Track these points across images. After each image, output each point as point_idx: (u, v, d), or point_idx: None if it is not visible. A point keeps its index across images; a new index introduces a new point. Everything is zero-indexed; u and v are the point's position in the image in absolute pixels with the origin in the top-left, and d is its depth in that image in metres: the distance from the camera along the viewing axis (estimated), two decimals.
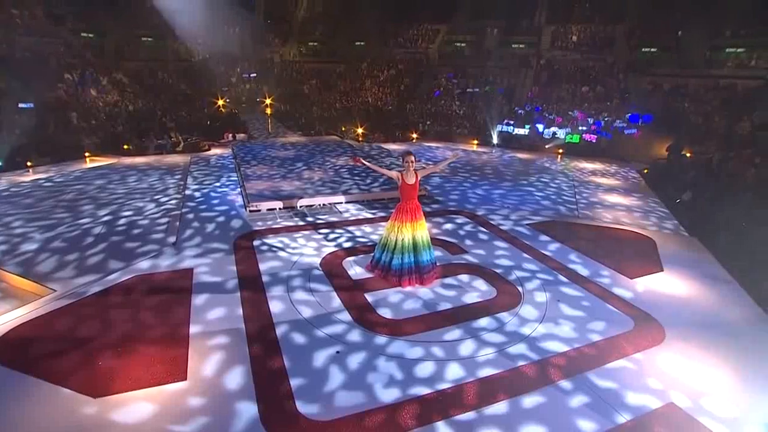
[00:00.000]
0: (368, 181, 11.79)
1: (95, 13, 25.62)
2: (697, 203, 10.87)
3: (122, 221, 8.84)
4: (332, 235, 8.38)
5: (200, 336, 5.16)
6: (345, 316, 5.66)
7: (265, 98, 23.81)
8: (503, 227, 9.12)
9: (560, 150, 18.54)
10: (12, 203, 9.94)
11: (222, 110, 22.98)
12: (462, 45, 30.17)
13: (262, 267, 6.94)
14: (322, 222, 9.12)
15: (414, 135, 20.73)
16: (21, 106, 15.72)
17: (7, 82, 16.33)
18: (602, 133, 19.30)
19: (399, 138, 20.63)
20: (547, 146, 19.18)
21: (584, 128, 19.75)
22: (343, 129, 21.64)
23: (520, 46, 27.97)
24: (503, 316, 5.76)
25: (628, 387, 4.47)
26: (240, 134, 19.50)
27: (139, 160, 14.79)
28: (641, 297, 6.34)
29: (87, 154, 14.72)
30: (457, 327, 5.48)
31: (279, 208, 9.66)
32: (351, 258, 7.39)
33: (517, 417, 4.08)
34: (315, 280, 6.59)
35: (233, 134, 19.24)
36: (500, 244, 8.19)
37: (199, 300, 5.92)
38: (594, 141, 19.02)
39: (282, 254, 7.46)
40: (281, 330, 5.32)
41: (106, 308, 5.69)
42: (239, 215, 9.36)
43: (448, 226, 9.06)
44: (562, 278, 6.87)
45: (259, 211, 9.48)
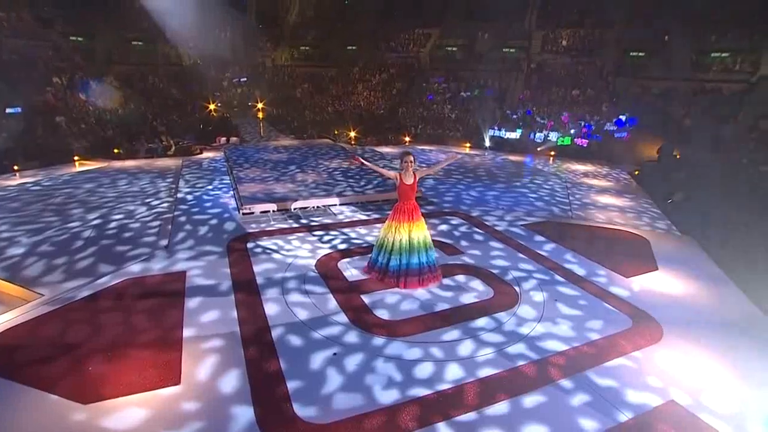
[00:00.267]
0: (362, 183, 11.74)
1: (85, 17, 25.35)
2: (689, 203, 11.00)
3: (113, 225, 8.68)
4: (327, 237, 8.30)
5: (194, 339, 5.05)
6: (342, 318, 5.59)
7: (257, 102, 23.71)
8: (498, 228, 9.11)
9: (552, 152, 18.67)
10: None
11: (214, 114, 22.83)
12: (453, 49, 30.34)
13: (257, 269, 6.84)
14: (317, 224, 9.04)
15: (407, 138, 20.76)
16: (8, 111, 15.43)
17: None
18: (592, 136, 19.51)
19: (392, 141, 20.64)
20: (539, 149, 19.30)
21: (574, 131, 19.94)
22: (336, 132, 21.61)
23: (511, 50, 28.20)
24: (501, 316, 5.72)
25: (629, 385, 4.45)
26: (233, 138, 19.37)
27: (130, 164, 14.60)
28: (638, 296, 6.35)
29: (76, 158, 14.49)
30: (456, 327, 5.43)
31: (273, 211, 9.56)
32: (346, 259, 7.32)
33: (519, 417, 4.03)
34: (310, 282, 6.51)
35: (227, 138, 19.10)
36: (496, 245, 8.17)
37: (193, 303, 5.81)
38: (585, 146, 19.20)
39: (276, 256, 7.37)
40: (277, 332, 5.23)
41: (97, 312, 5.56)
42: (232, 218, 9.25)
43: (444, 227, 9.03)
44: (559, 278, 6.86)
45: (253, 214, 9.37)
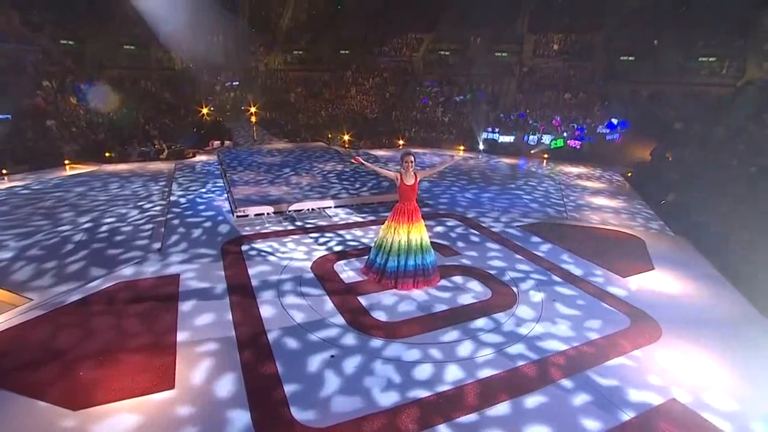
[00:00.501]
0: (357, 186, 11.68)
1: (76, 21, 25.13)
2: (682, 204, 11.07)
3: (104, 228, 8.52)
4: (322, 239, 8.22)
5: (188, 343, 4.94)
6: (339, 320, 5.51)
7: (250, 106, 23.62)
8: (494, 229, 9.09)
9: (545, 155, 18.77)
10: None
11: (207, 118, 22.68)
12: (446, 53, 30.49)
13: (252, 272, 6.74)
14: (312, 226, 8.96)
15: (400, 142, 20.77)
16: None
17: None
18: (585, 138, 19.67)
19: (386, 145, 20.64)
20: (533, 151, 19.41)
21: (567, 134, 20.09)
22: (330, 136, 21.58)
23: (503, 55, 28.41)
24: (500, 317, 5.68)
25: (630, 384, 4.42)
26: (226, 141, 19.26)
27: (122, 168, 14.41)
28: (635, 295, 6.34)
29: (67, 162, 14.27)
30: (454, 328, 5.37)
31: (267, 213, 9.46)
32: (342, 261, 7.24)
33: (521, 417, 3.97)
34: (306, 284, 6.42)
35: (221, 141, 18.98)
36: (492, 246, 8.14)
37: (187, 306, 5.69)
38: (578, 147, 19.34)
39: (271, 258, 7.27)
40: (273, 335, 5.14)
41: (88, 316, 5.43)
42: (226, 220, 9.14)
43: (440, 229, 8.99)
44: (556, 278, 6.84)
45: (247, 216, 9.27)
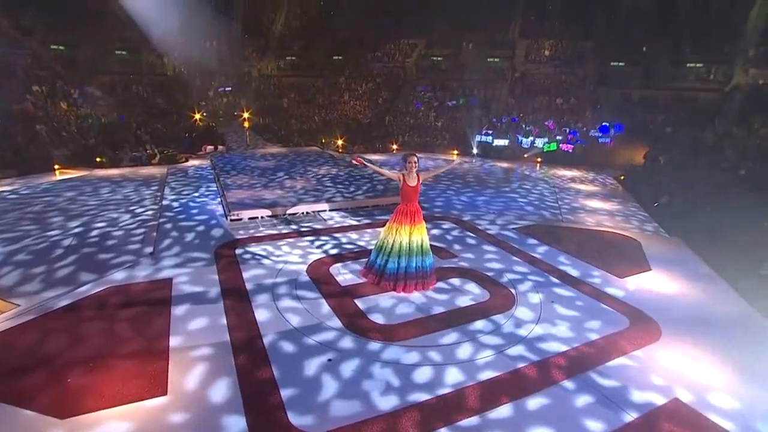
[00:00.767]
0: (352, 189, 11.62)
1: (67, 25, 24.93)
2: (675, 206, 11.15)
3: (95, 233, 8.35)
4: (317, 242, 8.13)
5: (181, 348, 4.81)
6: (335, 323, 5.41)
7: (243, 112, 23.54)
8: (490, 231, 9.06)
9: (539, 159, 18.86)
10: None
11: (199, 124, 22.53)
12: (439, 59, 30.67)
13: (246, 275, 6.62)
14: (307, 229, 8.86)
15: (394, 146, 20.77)
16: None
17: None
18: (579, 141, 19.83)
19: (379, 149, 20.63)
20: (526, 155, 19.50)
21: (560, 138, 20.24)
22: (324, 141, 21.54)
23: (495, 60, 28.65)
24: (498, 318, 5.62)
25: (632, 384, 4.37)
26: (219, 146, 19.14)
27: (113, 172, 14.21)
28: (633, 296, 6.33)
29: (56, 167, 14.05)
30: (453, 330, 5.30)
31: (261, 217, 9.36)
32: (338, 264, 7.15)
33: (523, 419, 3.90)
34: (302, 288, 6.32)
35: (214, 146, 18.85)
36: (489, 248, 8.10)
37: (180, 311, 5.56)
38: (570, 151, 19.48)
39: (266, 262, 7.16)
40: (269, 339, 5.03)
41: (77, 322, 5.27)
42: (219, 224, 9.01)
43: (436, 232, 8.94)
44: (554, 279, 6.81)
45: (241, 220, 9.15)
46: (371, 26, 31.46)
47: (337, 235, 8.56)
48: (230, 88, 32.26)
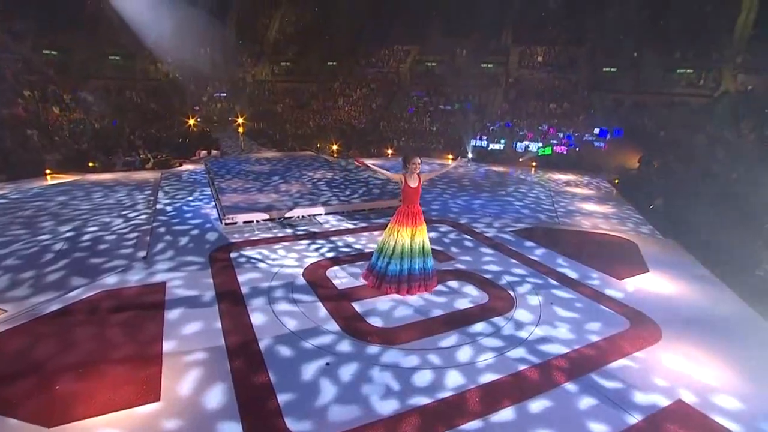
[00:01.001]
0: (347, 193, 11.54)
1: (59, 31, 24.77)
2: (669, 209, 11.20)
3: (86, 237, 8.20)
4: (313, 246, 8.03)
5: (175, 353, 4.69)
6: (333, 326, 5.31)
7: (237, 117, 23.47)
8: (488, 234, 9.02)
9: (533, 163, 18.92)
10: None
11: (194, 129, 22.41)
12: (433, 65, 30.80)
13: (241, 279, 6.51)
14: (303, 233, 8.77)
15: (389, 151, 20.77)
16: None
17: None
18: (572, 145, 19.99)
19: (375, 154, 20.61)
20: (521, 159, 19.56)
21: (555, 141, 20.37)
22: (318, 146, 21.50)
23: (489, 66, 28.84)
24: (498, 321, 5.55)
25: (634, 386, 4.31)
26: (213, 151, 19.03)
27: (106, 177, 14.04)
28: (633, 297, 6.29)
29: (48, 172, 13.85)
30: (453, 333, 5.22)
31: (257, 221, 9.25)
32: (335, 267, 7.06)
33: (526, 422, 3.82)
34: (298, 291, 6.22)
35: (207, 151, 18.73)
36: (486, 251, 8.06)
37: (173, 315, 5.43)
38: (565, 152, 19.62)
39: (261, 265, 7.05)
40: (265, 343, 4.92)
41: (67, 327, 5.13)
42: (214, 228, 8.89)
43: (433, 235, 8.86)
44: (552, 281, 6.77)
45: (236, 224, 9.03)
46: (365, 32, 31.56)
47: (334, 239, 8.47)
48: (225, 94, 32.18)
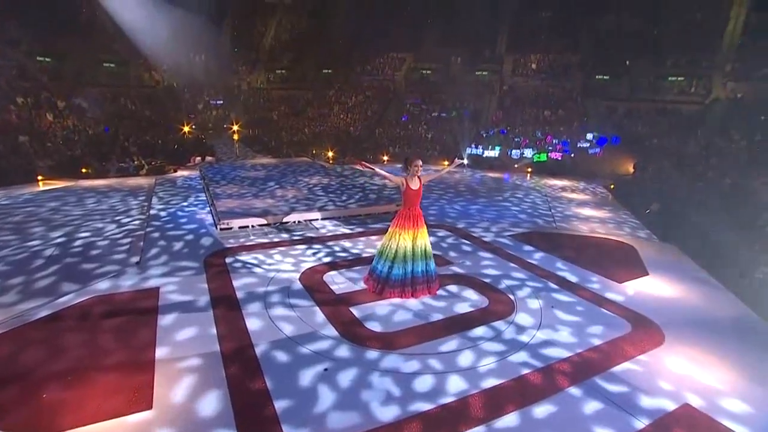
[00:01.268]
0: (344, 198, 11.46)
1: (54, 37, 24.68)
2: (665, 213, 11.22)
3: (78, 243, 8.04)
4: (310, 251, 7.92)
5: (168, 359, 4.55)
6: (331, 331, 5.20)
7: (233, 124, 23.41)
8: (485, 239, 8.96)
9: (529, 169, 18.96)
10: None
11: (189, 136, 22.30)
12: (428, 72, 30.97)
13: (237, 284, 6.38)
14: (299, 238, 8.66)
15: (385, 157, 20.77)
16: None
17: None
18: (566, 152, 20.11)
19: (370, 161, 20.59)
20: (516, 165, 19.62)
21: (550, 148, 20.49)
22: (314, 152, 21.46)
23: (484, 73, 29.05)
24: (499, 325, 5.46)
25: (640, 390, 4.22)
26: (208, 157, 18.92)
27: (99, 183, 13.87)
28: (634, 300, 6.23)
29: (40, 178, 13.65)
30: (453, 337, 5.12)
31: (252, 226, 9.13)
32: (332, 272, 6.95)
33: (531, 428, 3.72)
34: (295, 296, 6.10)
35: (202, 157, 18.62)
36: (485, 255, 7.98)
37: (167, 320, 5.30)
38: (560, 159, 19.73)
39: (257, 270, 6.93)
40: (261, 349, 4.79)
41: (56, 333, 4.98)
42: (209, 233, 8.75)
43: (431, 239, 8.76)
44: (552, 285, 6.70)
45: (231, 229, 8.91)
46: (361, 40, 31.71)
47: (330, 244, 8.37)
48: (221, 101, 32.15)
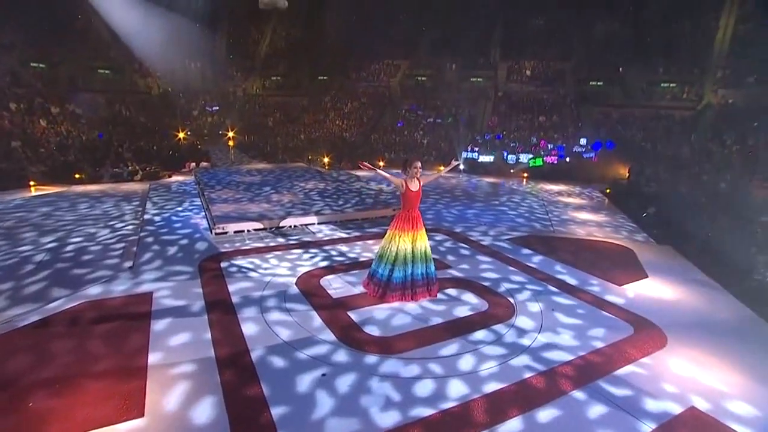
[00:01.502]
0: (340, 203, 11.38)
1: (48, 43, 24.56)
2: (662, 217, 11.23)
3: (70, 248, 7.88)
4: (306, 255, 7.82)
5: (161, 365, 4.41)
6: (328, 336, 5.08)
7: (228, 131, 23.32)
8: (484, 242, 8.89)
9: (525, 174, 19.00)
10: None
11: (184, 142, 22.18)
12: (423, 79, 31.09)
13: (232, 288, 6.26)
14: (295, 242, 8.55)
15: (381, 163, 20.73)
16: None
17: None
18: (561, 156, 20.21)
19: (366, 166, 20.56)
20: (512, 171, 19.65)
21: (544, 153, 20.58)
22: (310, 158, 21.40)
23: (478, 80, 29.22)
24: (499, 328, 5.37)
25: (644, 393, 4.14)
26: (203, 163, 18.79)
27: (92, 188, 13.70)
28: (634, 302, 6.17)
29: (32, 183, 13.47)
30: (454, 341, 5.03)
31: (248, 230, 9.01)
32: (330, 276, 6.85)
33: None
34: (291, 300, 5.99)
35: (197, 163, 18.50)
36: (483, 258, 7.91)
37: (160, 325, 5.16)
38: (555, 163, 19.81)
39: (253, 275, 6.81)
40: (257, 354, 4.67)
41: (45, 339, 4.83)
42: (204, 238, 8.63)
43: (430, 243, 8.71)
44: (552, 288, 6.63)
45: (226, 234, 8.79)
46: (356, 47, 31.80)
47: (327, 248, 8.27)
48: (217, 108, 32.07)
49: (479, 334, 5.21)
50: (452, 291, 6.42)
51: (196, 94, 31.52)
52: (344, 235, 9.13)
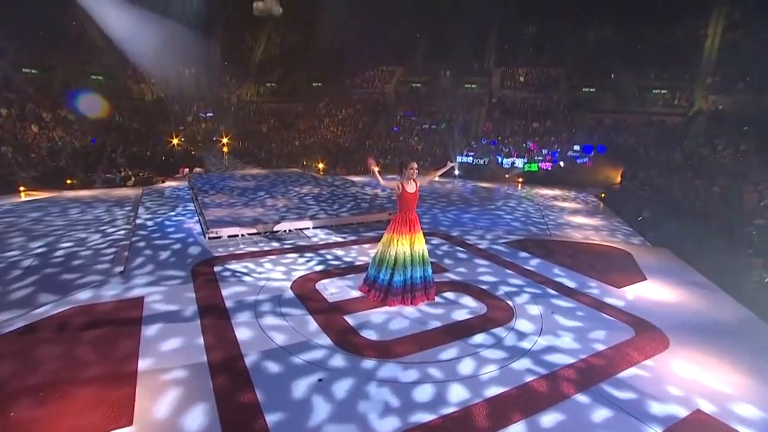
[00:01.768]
0: (335, 207, 11.28)
1: (41, 49, 24.40)
2: (657, 221, 11.25)
3: (59, 253, 7.70)
4: (302, 259, 7.69)
5: (151, 371, 4.27)
6: (324, 340, 4.96)
7: (222, 137, 23.22)
8: (480, 246, 8.82)
9: (520, 179, 19.02)
10: None
11: (178, 148, 22.04)
12: (418, 85, 31.22)
13: (225, 293, 6.12)
14: (290, 246, 8.43)
15: (376, 168, 20.67)
16: None
17: None
18: (555, 162, 20.29)
19: (361, 171, 20.50)
20: (507, 175, 19.67)
21: (540, 158, 20.64)
22: (305, 163, 21.33)
23: (473, 86, 29.38)
24: (499, 332, 5.28)
25: (649, 396, 4.05)
26: (197, 168, 18.65)
27: (84, 193, 13.50)
28: (634, 304, 6.11)
29: (22, 189, 13.24)
30: (453, 345, 4.92)
31: (242, 235, 8.88)
32: (325, 280, 6.73)
33: None
34: (286, 305, 5.86)
35: (190, 168, 18.35)
36: (481, 262, 7.83)
37: (151, 331, 5.01)
38: (549, 168, 19.87)
39: (247, 279, 6.68)
40: (251, 359, 4.53)
41: (31, 345, 4.66)
42: (197, 242, 8.48)
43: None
44: (551, 291, 6.55)
45: (220, 238, 8.65)
46: (351, 54, 31.92)
47: (323, 252, 8.15)
48: (212, 114, 31.98)
49: (479, 338, 5.11)
50: (450, 294, 6.32)
51: (191, 101, 31.42)
52: (340, 240, 9.02)
